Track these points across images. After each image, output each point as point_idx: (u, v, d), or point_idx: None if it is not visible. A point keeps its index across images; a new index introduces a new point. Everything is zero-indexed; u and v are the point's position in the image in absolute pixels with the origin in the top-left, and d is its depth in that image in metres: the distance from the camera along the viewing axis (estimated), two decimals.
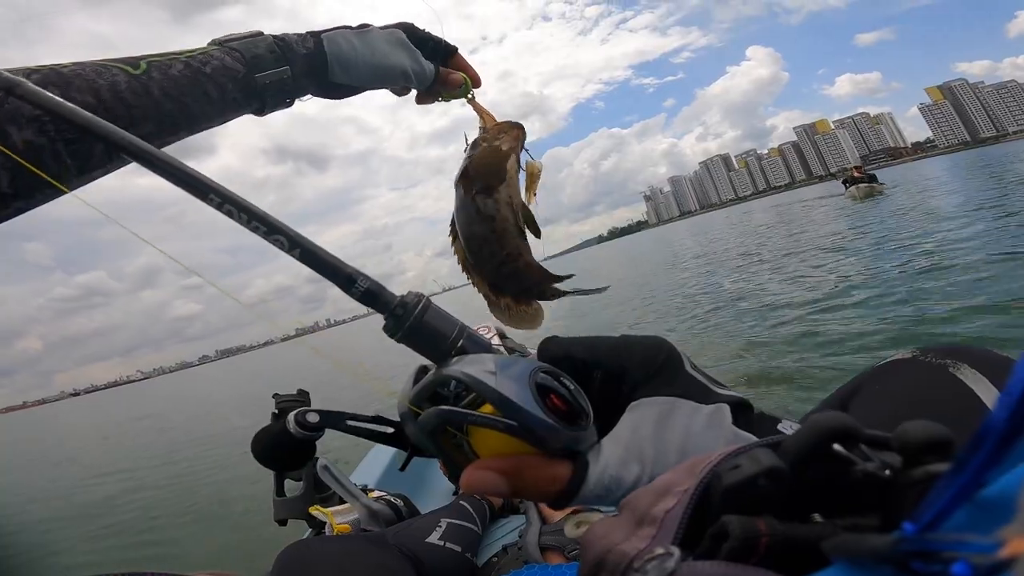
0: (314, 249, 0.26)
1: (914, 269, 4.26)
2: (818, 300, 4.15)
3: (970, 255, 4.21)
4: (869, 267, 4.89)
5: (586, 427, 0.26)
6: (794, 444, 0.18)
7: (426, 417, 0.26)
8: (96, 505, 4.75)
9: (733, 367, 3.21)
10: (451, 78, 0.56)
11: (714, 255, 10.69)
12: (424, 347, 0.27)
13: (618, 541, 0.20)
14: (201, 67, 0.45)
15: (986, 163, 21.20)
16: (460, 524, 0.81)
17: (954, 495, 0.13)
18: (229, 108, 0.47)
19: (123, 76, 0.41)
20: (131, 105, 0.41)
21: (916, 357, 0.43)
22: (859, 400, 0.43)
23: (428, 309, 0.27)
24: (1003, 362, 0.39)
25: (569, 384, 0.27)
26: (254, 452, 0.59)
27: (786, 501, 0.17)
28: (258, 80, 0.48)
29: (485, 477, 0.25)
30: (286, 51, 0.49)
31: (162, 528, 3.69)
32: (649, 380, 0.29)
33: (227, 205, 0.25)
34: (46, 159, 0.37)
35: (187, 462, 5.57)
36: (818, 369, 2.79)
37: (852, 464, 0.17)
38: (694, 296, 6.14)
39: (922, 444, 0.16)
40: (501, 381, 0.24)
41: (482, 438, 0.26)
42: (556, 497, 0.26)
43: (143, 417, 12.11)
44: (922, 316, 3.07)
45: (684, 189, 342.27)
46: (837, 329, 3.32)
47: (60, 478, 5.77)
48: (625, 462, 0.26)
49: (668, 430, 0.27)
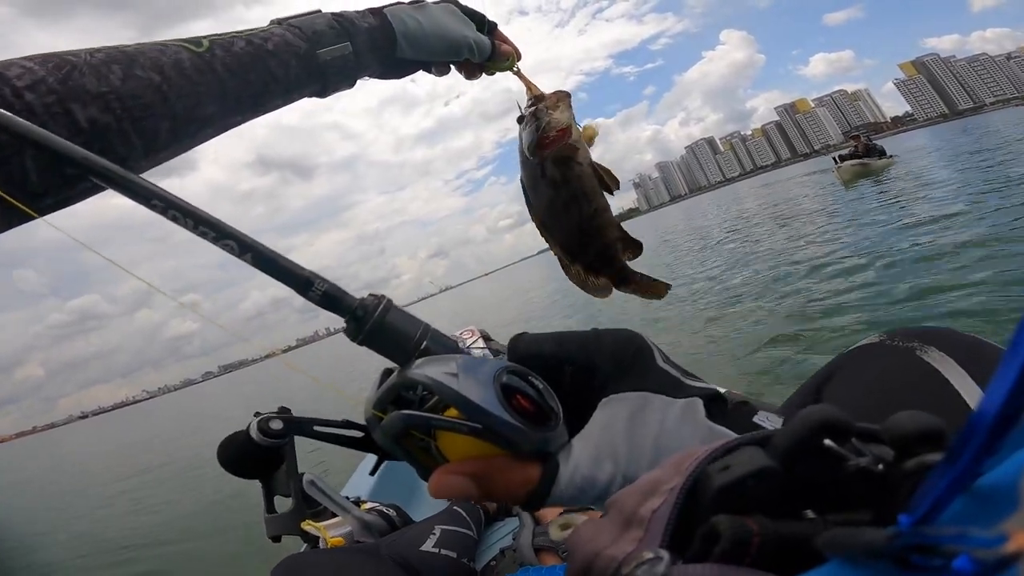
0: (267, 253, 0.25)
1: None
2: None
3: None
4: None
5: (555, 427, 0.26)
6: (784, 440, 0.17)
7: (389, 422, 0.25)
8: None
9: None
10: (503, 49, 0.57)
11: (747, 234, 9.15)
12: (387, 349, 0.26)
13: (605, 545, 0.20)
14: (263, 43, 0.44)
15: (965, 129, 20.98)
16: (454, 530, 0.80)
17: (949, 485, 0.12)
18: (293, 87, 0.47)
19: (186, 54, 0.40)
20: (196, 82, 0.40)
21: (883, 341, 0.44)
22: (832, 388, 0.44)
23: (389, 311, 0.26)
24: (970, 343, 0.40)
25: (537, 383, 0.27)
26: (219, 459, 0.59)
27: (777, 498, 0.17)
28: (320, 56, 0.47)
29: (452, 481, 0.25)
30: (347, 27, 0.49)
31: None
32: (620, 375, 0.29)
33: (171, 211, 0.24)
34: (113, 139, 0.36)
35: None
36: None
37: (844, 459, 0.16)
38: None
39: (913, 435, 0.16)
40: (464, 383, 0.24)
41: (449, 441, 0.26)
42: (528, 499, 0.26)
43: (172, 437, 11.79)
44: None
45: (672, 174, 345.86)
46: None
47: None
48: (597, 461, 0.26)
49: (641, 426, 0.27)
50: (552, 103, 0.54)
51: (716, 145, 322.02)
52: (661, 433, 0.26)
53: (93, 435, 26.19)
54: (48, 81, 0.34)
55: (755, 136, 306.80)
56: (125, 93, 0.36)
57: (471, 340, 1.32)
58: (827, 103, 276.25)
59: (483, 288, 48.69)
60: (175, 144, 0.41)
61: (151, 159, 0.40)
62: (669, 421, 0.27)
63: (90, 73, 0.35)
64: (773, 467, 0.17)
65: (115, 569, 3.57)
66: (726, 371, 2.95)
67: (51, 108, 0.33)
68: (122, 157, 0.37)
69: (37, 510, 7.20)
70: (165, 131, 0.39)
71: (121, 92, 0.36)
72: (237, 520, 3.40)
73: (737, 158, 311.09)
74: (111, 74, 0.36)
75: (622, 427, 0.27)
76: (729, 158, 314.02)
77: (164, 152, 0.41)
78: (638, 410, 0.27)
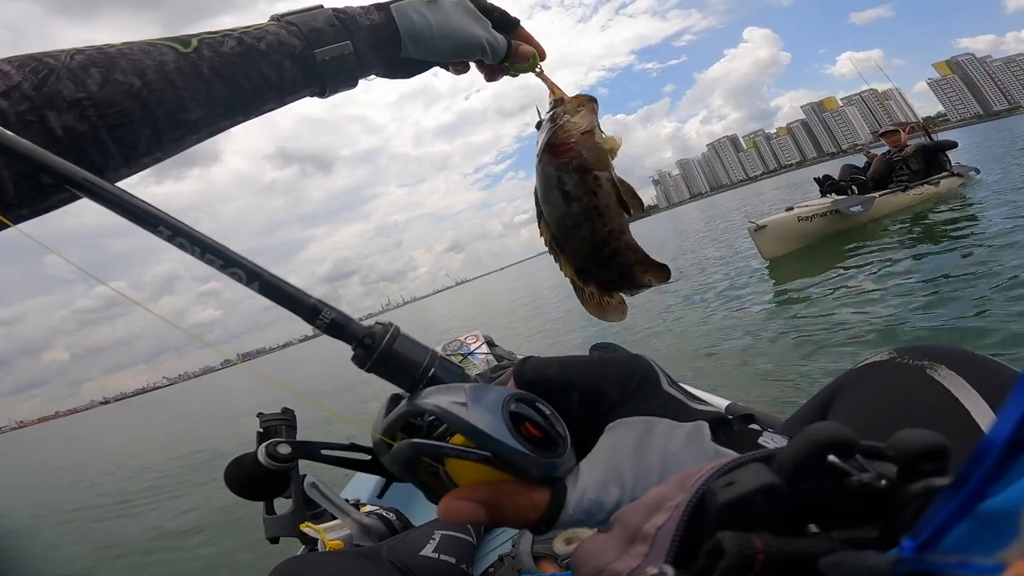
0: (275, 281, 0.25)
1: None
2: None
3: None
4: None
5: (563, 453, 0.26)
6: (789, 457, 0.18)
7: (399, 450, 0.26)
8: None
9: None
10: (521, 50, 0.55)
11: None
12: (395, 376, 0.27)
13: (610, 560, 0.20)
14: (255, 43, 0.42)
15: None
16: (454, 535, 0.81)
17: (955, 510, 0.13)
18: (288, 89, 0.45)
19: (172, 55, 0.39)
20: (179, 86, 0.39)
21: (893, 359, 0.44)
22: (838, 405, 0.44)
23: (397, 338, 0.27)
24: (980, 362, 0.39)
25: (545, 410, 0.27)
26: (227, 482, 0.60)
27: (782, 515, 0.17)
28: (317, 56, 0.45)
29: (462, 508, 0.25)
30: (347, 24, 0.47)
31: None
32: (626, 400, 0.29)
33: (178, 238, 0.24)
34: (88, 148, 0.36)
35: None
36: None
37: (848, 475, 0.16)
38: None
39: (918, 453, 0.16)
40: (473, 412, 0.25)
41: (458, 466, 0.26)
42: (536, 524, 0.26)
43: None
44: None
45: (693, 171, 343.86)
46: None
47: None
48: (604, 485, 0.26)
49: (647, 451, 0.27)
50: (573, 107, 0.51)
51: (739, 143, 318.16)
52: (667, 457, 0.27)
53: (109, 424, 26.36)
54: (23, 87, 0.33)
55: (780, 134, 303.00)
56: (102, 100, 0.35)
57: (475, 345, 1.35)
58: (856, 102, 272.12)
59: (498, 281, 48.04)
60: (158, 151, 0.40)
61: (132, 166, 0.39)
62: (675, 445, 0.27)
63: (67, 77, 0.35)
64: (778, 484, 0.17)
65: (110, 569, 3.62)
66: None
67: (24, 116, 0.33)
68: (99, 166, 0.37)
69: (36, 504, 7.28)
70: (146, 138, 0.38)
71: (98, 99, 0.35)
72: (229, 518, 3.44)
73: (760, 157, 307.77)
74: (89, 78, 0.35)
75: (628, 452, 0.27)
76: (752, 156, 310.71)
77: (146, 159, 0.40)
78: (644, 434, 0.28)
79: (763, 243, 5.36)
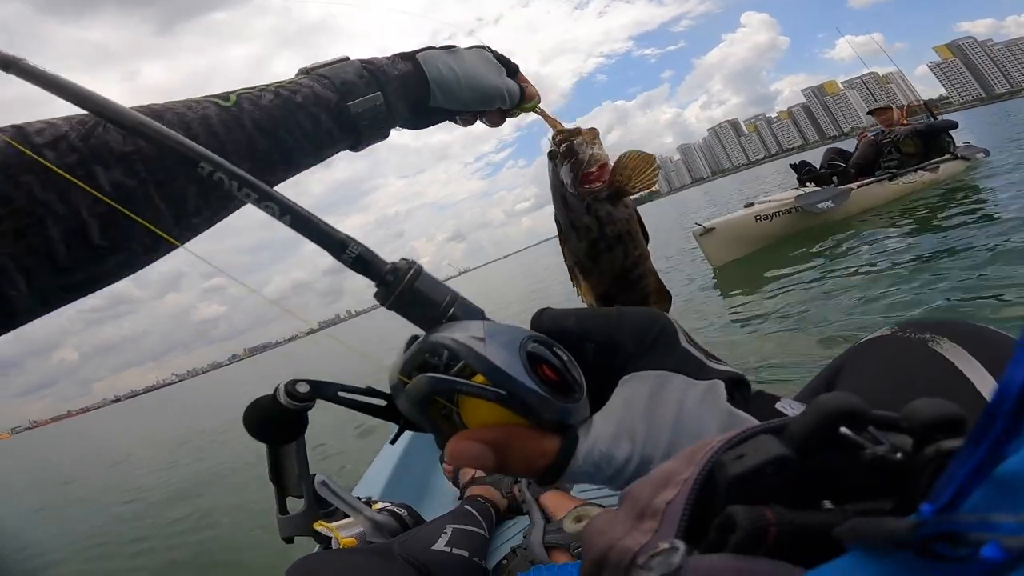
0: (305, 215, 0.27)
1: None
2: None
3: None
4: None
5: (579, 399, 0.26)
6: (799, 428, 0.17)
7: (414, 385, 0.25)
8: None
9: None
10: (529, 92, 0.58)
11: None
12: (414, 314, 0.27)
13: (619, 536, 0.20)
14: (292, 96, 0.43)
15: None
16: (466, 529, 0.81)
17: (972, 470, 0.12)
18: (325, 143, 0.46)
19: (214, 108, 0.39)
20: (223, 140, 0.39)
21: (895, 333, 0.44)
22: (842, 381, 0.43)
23: (420, 276, 0.27)
24: (982, 333, 0.39)
25: (562, 355, 0.27)
26: (245, 424, 0.60)
27: (794, 488, 0.17)
28: (351, 109, 0.45)
29: (470, 448, 0.25)
30: (377, 75, 0.47)
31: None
32: (643, 354, 0.29)
33: (218, 172, 0.27)
34: (138, 204, 0.35)
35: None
36: None
37: (861, 448, 0.16)
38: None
39: (932, 422, 0.16)
40: (490, 348, 0.24)
41: (472, 409, 0.26)
42: (544, 472, 0.26)
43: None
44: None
45: (694, 156, 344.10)
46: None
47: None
48: (616, 439, 0.26)
49: (660, 406, 0.27)
50: (590, 138, 0.54)
51: (740, 127, 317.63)
52: (680, 414, 0.26)
53: (121, 424, 26.44)
54: (70, 137, 0.33)
55: (781, 118, 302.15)
56: (150, 153, 0.35)
57: None
58: (857, 85, 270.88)
59: (502, 269, 47.70)
60: (206, 209, 0.40)
61: (182, 225, 0.39)
62: (689, 402, 0.27)
63: (114, 130, 0.34)
64: (788, 456, 0.17)
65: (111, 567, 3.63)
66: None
67: (72, 170, 0.32)
68: (150, 223, 0.35)
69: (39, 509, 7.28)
70: (193, 195, 0.38)
71: (146, 152, 0.35)
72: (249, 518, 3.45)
73: (762, 140, 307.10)
74: None
75: (642, 406, 0.27)
76: (753, 140, 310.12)
77: (196, 219, 0.40)
78: (658, 389, 0.27)
79: (711, 248, 4.52)
